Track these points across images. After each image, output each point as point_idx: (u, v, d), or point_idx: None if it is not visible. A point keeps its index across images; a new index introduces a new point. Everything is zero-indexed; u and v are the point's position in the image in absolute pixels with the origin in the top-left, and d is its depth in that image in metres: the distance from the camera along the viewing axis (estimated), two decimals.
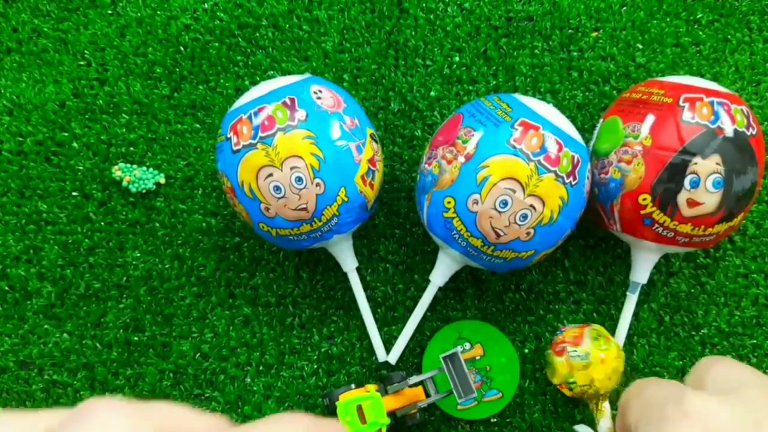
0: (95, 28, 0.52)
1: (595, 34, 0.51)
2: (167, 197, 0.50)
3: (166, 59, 0.51)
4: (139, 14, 0.52)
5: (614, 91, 0.50)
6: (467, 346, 0.47)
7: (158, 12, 0.52)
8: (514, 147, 0.38)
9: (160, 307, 0.49)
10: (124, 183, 0.49)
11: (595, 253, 0.49)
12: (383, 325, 0.48)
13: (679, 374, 0.48)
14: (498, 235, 0.39)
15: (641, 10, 0.51)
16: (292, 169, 0.39)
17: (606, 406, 0.40)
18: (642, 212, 0.40)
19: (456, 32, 0.52)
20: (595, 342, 0.39)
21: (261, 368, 0.48)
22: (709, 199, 0.39)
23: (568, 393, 0.41)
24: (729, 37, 0.51)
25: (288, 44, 0.52)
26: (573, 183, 0.39)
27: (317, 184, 0.39)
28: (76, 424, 0.14)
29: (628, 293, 0.45)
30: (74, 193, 0.50)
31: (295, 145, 0.39)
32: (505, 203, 0.38)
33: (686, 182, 0.38)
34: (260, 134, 0.39)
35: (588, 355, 0.39)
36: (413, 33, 0.52)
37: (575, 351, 0.39)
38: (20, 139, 0.51)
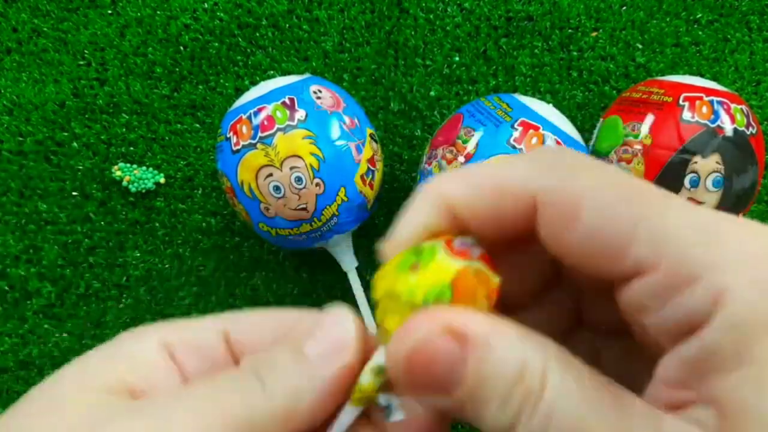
0: (95, 28, 0.52)
1: (594, 33, 0.51)
2: (167, 197, 0.50)
3: (166, 59, 0.52)
4: (139, 14, 0.52)
5: (614, 91, 0.50)
6: None
7: (158, 12, 0.52)
8: (515, 147, 0.38)
9: (160, 307, 0.49)
10: (124, 183, 0.49)
11: None
12: None
13: None
14: None
15: (641, 10, 0.51)
16: (291, 168, 0.39)
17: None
18: None
19: (456, 32, 0.52)
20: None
21: None
22: (709, 198, 0.39)
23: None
24: (729, 37, 0.51)
25: (288, 44, 0.52)
26: None
27: (317, 184, 0.39)
28: None
29: None
30: (74, 193, 0.50)
31: (295, 144, 0.39)
32: None
33: (686, 181, 0.38)
34: (260, 134, 0.39)
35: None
36: (413, 33, 0.52)
37: None
38: (20, 138, 0.51)
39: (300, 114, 0.39)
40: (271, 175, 0.39)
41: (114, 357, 0.17)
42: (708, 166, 0.38)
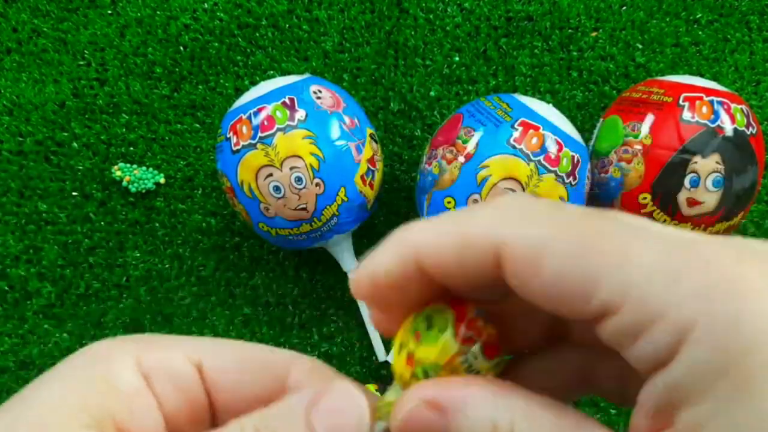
0: (95, 28, 0.52)
1: (594, 33, 0.51)
2: (167, 197, 0.50)
3: (166, 59, 0.52)
4: (139, 14, 0.52)
5: (614, 91, 0.50)
6: None
7: (158, 12, 0.52)
8: (514, 147, 0.38)
9: (160, 307, 0.49)
10: (124, 183, 0.49)
11: None
12: None
13: None
14: None
15: (641, 10, 0.51)
16: (291, 169, 0.39)
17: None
18: (642, 211, 0.40)
19: (456, 32, 0.52)
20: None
21: None
22: (709, 198, 0.39)
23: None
24: (729, 37, 0.51)
25: (288, 44, 0.52)
26: (573, 183, 0.39)
27: (317, 184, 0.39)
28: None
29: None
30: (74, 193, 0.50)
31: (295, 145, 0.39)
32: None
33: (686, 181, 0.38)
34: (260, 134, 0.39)
35: None
36: (413, 33, 0.52)
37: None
38: (20, 139, 0.51)
39: (300, 114, 0.39)
40: (271, 175, 0.39)
41: (94, 381, 0.16)
42: (708, 166, 0.38)
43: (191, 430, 0.17)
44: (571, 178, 0.38)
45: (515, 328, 0.18)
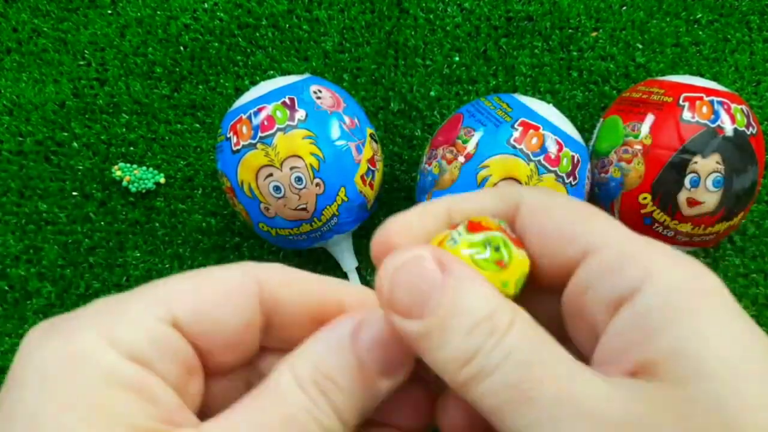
0: (95, 28, 0.52)
1: (594, 33, 0.51)
2: (167, 197, 0.50)
3: (166, 59, 0.52)
4: (139, 14, 0.52)
5: (614, 91, 0.50)
6: None
7: (158, 12, 0.52)
8: (514, 147, 0.38)
9: None
10: (124, 183, 0.49)
11: None
12: None
13: None
14: None
15: (641, 10, 0.51)
16: (291, 169, 0.39)
17: None
18: (642, 211, 0.40)
19: (456, 32, 0.52)
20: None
21: None
22: (709, 198, 0.39)
23: None
24: (729, 37, 0.51)
25: (288, 44, 0.52)
26: (573, 183, 0.39)
27: (317, 184, 0.39)
28: None
29: None
30: (74, 193, 0.50)
31: (295, 145, 0.39)
32: None
33: (686, 181, 0.38)
34: (260, 134, 0.39)
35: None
36: (413, 33, 0.52)
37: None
38: (20, 139, 0.51)
39: (300, 114, 0.39)
40: (271, 175, 0.39)
41: (95, 390, 0.15)
42: (708, 166, 0.38)
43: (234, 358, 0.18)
44: (571, 178, 0.38)
45: None
